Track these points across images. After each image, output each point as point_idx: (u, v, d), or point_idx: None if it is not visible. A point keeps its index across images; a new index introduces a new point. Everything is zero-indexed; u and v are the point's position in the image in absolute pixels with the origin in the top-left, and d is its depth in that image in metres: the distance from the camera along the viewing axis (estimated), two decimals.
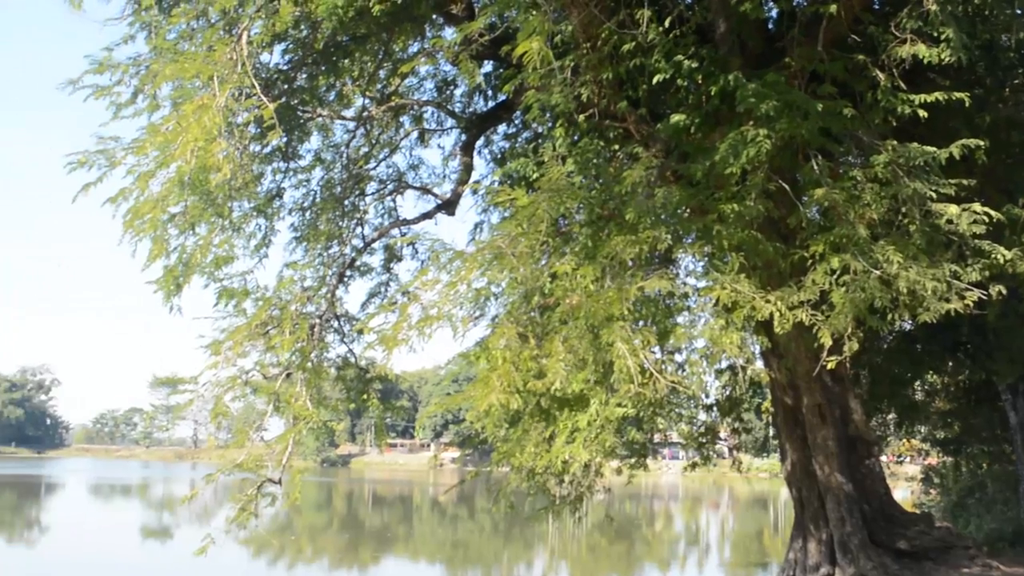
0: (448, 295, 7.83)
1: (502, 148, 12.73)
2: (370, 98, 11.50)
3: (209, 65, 8.36)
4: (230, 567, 32.48)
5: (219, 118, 7.88)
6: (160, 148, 8.26)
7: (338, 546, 45.74)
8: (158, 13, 9.96)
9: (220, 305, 10.08)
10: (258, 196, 10.39)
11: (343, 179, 11.54)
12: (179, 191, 8.40)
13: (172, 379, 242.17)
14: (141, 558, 39.49)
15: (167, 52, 9.37)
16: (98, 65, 9.77)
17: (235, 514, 9.75)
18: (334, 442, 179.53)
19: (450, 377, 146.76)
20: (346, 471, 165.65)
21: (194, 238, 9.42)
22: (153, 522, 57.51)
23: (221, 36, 8.99)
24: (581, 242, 8.13)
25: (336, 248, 11.27)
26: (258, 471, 9.84)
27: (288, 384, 9.92)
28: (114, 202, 8.80)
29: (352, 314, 11.36)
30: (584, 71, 8.89)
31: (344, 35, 9.96)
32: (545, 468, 10.35)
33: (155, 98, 9.45)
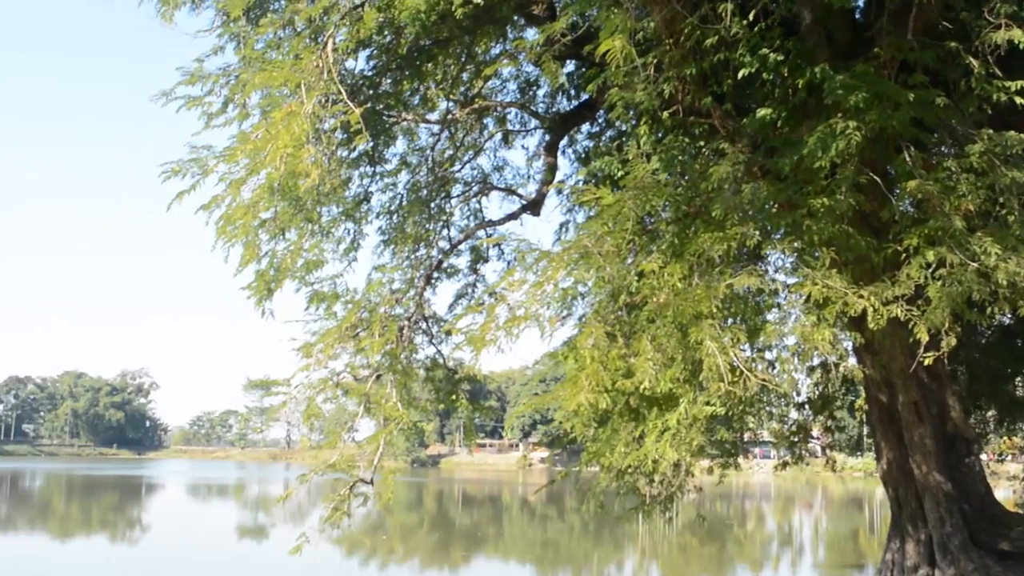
0: (535, 295, 7.84)
1: (586, 147, 12.70)
2: (454, 101, 11.57)
3: (296, 73, 8.50)
4: (324, 566, 32.98)
5: (307, 125, 8.01)
6: (250, 155, 8.43)
7: (429, 546, 46.10)
8: (246, 24, 10.16)
9: (311, 308, 10.25)
10: (346, 200, 10.53)
11: (429, 182, 11.63)
12: (269, 197, 8.57)
13: (265, 381, 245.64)
14: (238, 557, 40.33)
15: (255, 61, 9.56)
16: (189, 76, 10.03)
17: (328, 514, 9.89)
18: (424, 442, 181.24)
19: (538, 377, 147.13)
20: (436, 471, 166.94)
21: (285, 243, 9.61)
22: (249, 521, 58.70)
23: (307, 44, 9.13)
24: (668, 240, 8.07)
25: (423, 250, 11.37)
26: (350, 471, 9.97)
27: (378, 385, 10.03)
28: (207, 209, 9.03)
29: (440, 315, 11.45)
30: (667, 67, 8.81)
31: (427, 39, 10.04)
32: (635, 468, 10.29)
33: (245, 107, 9.65)
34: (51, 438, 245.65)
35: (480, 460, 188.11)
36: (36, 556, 37.92)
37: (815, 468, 75.14)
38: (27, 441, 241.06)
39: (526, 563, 39.72)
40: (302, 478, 10.01)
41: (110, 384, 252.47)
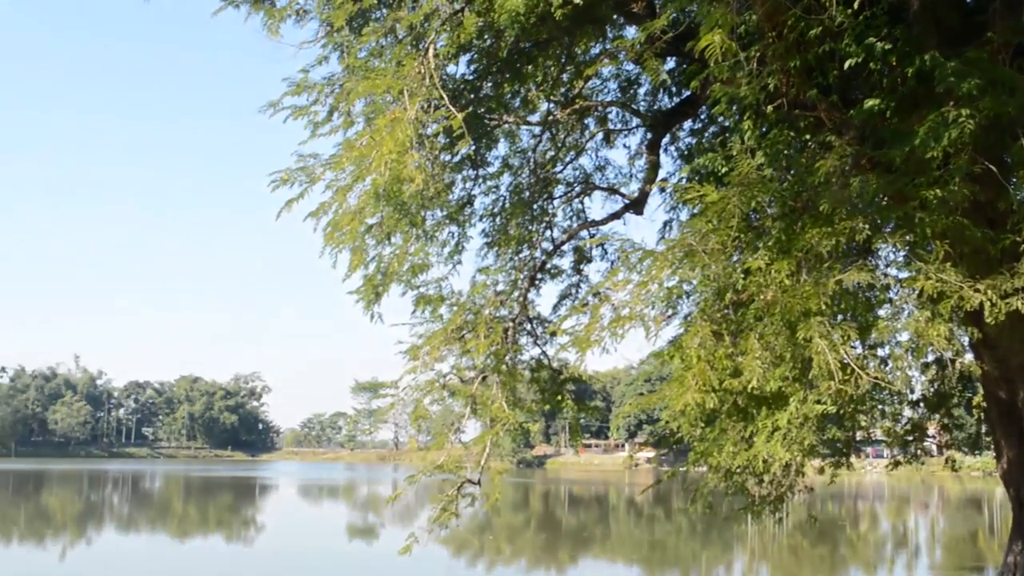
0: (639, 295, 7.80)
1: (688, 144, 12.56)
2: (554, 102, 11.57)
3: (399, 80, 8.62)
4: (433, 566, 33.30)
5: (410, 130, 8.11)
6: (356, 162, 8.58)
7: (535, 546, 46.19)
8: (349, 33, 10.34)
9: (417, 311, 10.37)
10: (450, 204, 10.62)
11: (531, 184, 11.66)
12: (375, 203, 8.70)
13: (373, 384, 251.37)
14: (349, 557, 41.02)
15: (359, 70, 9.73)
16: (295, 87, 10.27)
17: (437, 514, 9.99)
18: (530, 443, 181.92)
19: (643, 377, 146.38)
20: (542, 472, 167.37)
21: (391, 248, 9.76)
22: (359, 522, 59.69)
23: (409, 51, 9.25)
24: (774, 236, 7.94)
25: (526, 252, 11.40)
26: (458, 472, 10.06)
27: (484, 387, 10.10)
28: (315, 216, 9.24)
29: (544, 316, 11.47)
30: (771, 61, 8.67)
31: (527, 42, 10.07)
32: (744, 467, 10.17)
33: (349, 115, 9.83)
34: (169, 441, 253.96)
35: (586, 460, 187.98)
36: (157, 555, 39.24)
37: (931, 467, 73.21)
38: (146, 444, 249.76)
39: (633, 564, 39.53)
40: (410, 479, 10.13)
41: (224, 388, 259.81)
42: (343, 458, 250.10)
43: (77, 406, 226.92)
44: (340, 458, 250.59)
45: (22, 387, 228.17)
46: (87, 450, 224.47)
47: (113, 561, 37.49)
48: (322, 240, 9.25)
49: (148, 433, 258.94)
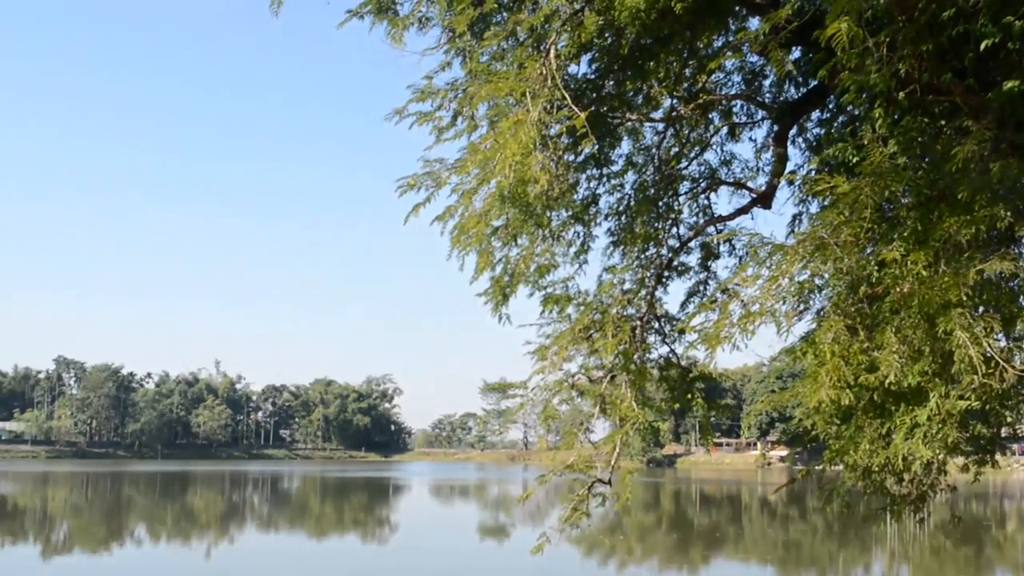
0: (769, 290, 7.66)
1: (817, 135, 12.26)
2: (678, 98, 11.45)
3: (521, 82, 8.67)
4: (565, 564, 33.37)
5: (534, 132, 8.14)
6: (480, 165, 8.66)
7: (667, 546, 45.84)
8: (471, 38, 10.43)
9: (545, 312, 10.41)
10: (575, 204, 10.61)
11: (656, 181, 11.57)
12: (500, 205, 8.77)
13: (502, 385, 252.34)
14: (481, 555, 41.44)
15: (481, 74, 9.81)
16: (420, 93, 10.42)
17: (567, 513, 10.00)
18: (660, 442, 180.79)
19: (774, 374, 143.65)
20: (672, 471, 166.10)
21: (517, 249, 9.81)
22: (490, 521, 60.22)
23: (530, 53, 9.29)
24: (910, 226, 7.69)
25: (653, 250, 11.31)
26: (588, 472, 10.06)
27: (613, 386, 10.07)
28: (441, 220, 9.37)
29: (672, 314, 11.35)
30: (901, 45, 8.39)
31: (648, 38, 9.99)
32: (882, 466, 9.87)
33: (473, 118, 9.92)
34: (305, 442, 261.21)
35: (717, 459, 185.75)
36: (296, 553, 40.36)
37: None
38: (284, 445, 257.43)
39: (767, 565, 38.86)
40: (541, 479, 10.18)
41: (357, 391, 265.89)
42: (473, 458, 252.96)
43: (218, 410, 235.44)
44: (471, 458, 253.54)
45: (167, 392, 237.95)
46: (228, 452, 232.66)
47: (254, 559, 38.73)
48: (449, 243, 9.38)
49: (285, 435, 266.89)
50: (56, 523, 54.89)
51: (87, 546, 43.14)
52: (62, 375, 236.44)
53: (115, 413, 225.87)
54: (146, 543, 44.98)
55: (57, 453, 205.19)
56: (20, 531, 48.57)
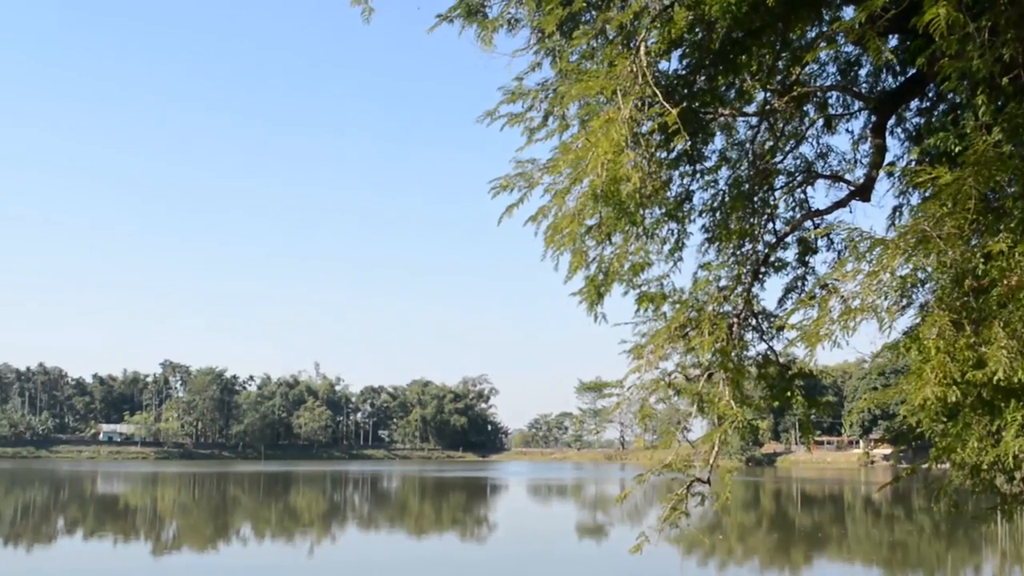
0: (870, 285, 7.49)
1: (916, 125, 11.94)
2: (771, 91, 11.26)
3: (611, 80, 8.64)
4: (663, 564, 33.14)
5: (625, 130, 8.11)
6: (572, 165, 8.66)
7: (768, 546, 45.16)
8: (560, 38, 10.44)
9: (640, 310, 10.34)
10: (668, 201, 10.51)
11: (750, 176, 11.39)
12: (593, 204, 8.74)
13: (597, 384, 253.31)
14: (580, 554, 41.40)
15: (571, 73, 9.80)
16: (510, 95, 10.46)
17: (666, 513, 9.94)
18: (759, 441, 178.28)
19: (876, 370, 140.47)
20: (772, 470, 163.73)
21: (611, 248, 9.75)
22: (588, 520, 60.14)
23: (620, 51, 9.24)
24: (1017, 217, 7.44)
25: (748, 246, 11.14)
26: (686, 471, 9.98)
27: (710, 384, 9.96)
28: (535, 220, 9.39)
29: (770, 311, 11.17)
30: (1003, 29, 8.12)
31: (739, 31, 9.86)
32: (992, 464, 9.57)
33: (564, 118, 9.92)
34: (403, 442, 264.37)
35: (818, 458, 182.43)
36: (396, 551, 40.88)
37: None
38: (383, 446, 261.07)
39: (872, 565, 38.00)
40: (638, 478, 10.12)
41: (453, 391, 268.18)
42: (570, 458, 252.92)
43: (318, 411, 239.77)
44: (567, 458, 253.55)
45: (268, 394, 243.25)
46: (329, 452, 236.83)
47: (355, 557, 39.33)
48: (543, 244, 9.39)
49: (384, 435, 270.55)
50: (165, 522, 56.56)
51: (195, 544, 44.35)
52: (168, 379, 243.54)
53: (219, 415, 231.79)
54: (251, 541, 46.04)
55: (165, 454, 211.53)
56: (132, 529, 50.18)
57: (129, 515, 61.55)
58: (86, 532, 48.78)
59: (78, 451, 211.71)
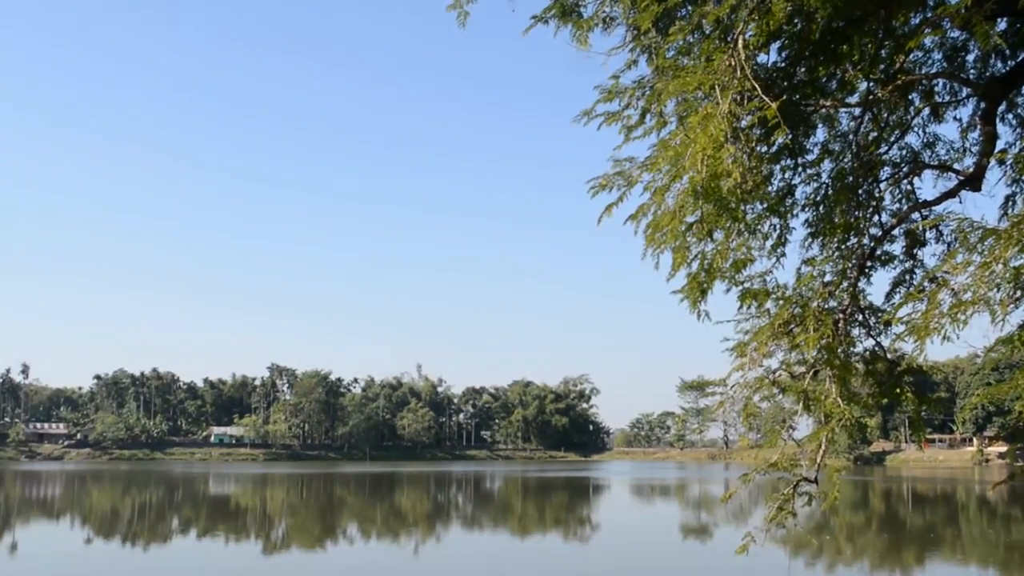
0: (982, 277, 7.28)
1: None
2: (874, 80, 11.00)
3: (709, 75, 8.56)
4: (770, 565, 32.65)
5: (724, 125, 8.03)
6: (671, 162, 8.60)
7: (877, 547, 44.12)
8: (656, 35, 10.38)
9: (743, 307, 10.21)
10: (769, 196, 10.37)
11: (854, 168, 11.15)
12: (693, 201, 8.67)
13: (700, 382, 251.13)
14: (685, 554, 41.06)
15: (668, 70, 9.74)
16: (607, 93, 10.44)
17: (773, 513, 9.81)
18: (867, 439, 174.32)
19: (990, 365, 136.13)
20: (881, 468, 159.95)
21: (712, 244, 9.65)
22: (692, 520, 59.58)
23: (717, 45, 9.16)
24: None
25: (854, 239, 10.91)
26: (792, 470, 9.84)
27: (816, 382, 9.80)
28: (635, 219, 9.35)
29: (877, 306, 10.91)
30: None
31: (840, 20, 9.68)
32: None
33: (661, 115, 9.86)
34: (505, 443, 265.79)
35: (929, 456, 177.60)
36: (499, 551, 41.10)
37: None
38: (485, 446, 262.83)
39: (988, 568, 36.83)
40: (743, 477, 10.01)
41: (554, 391, 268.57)
42: (673, 457, 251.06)
43: (421, 412, 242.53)
44: (670, 457, 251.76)
45: (372, 396, 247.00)
46: (432, 453, 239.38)
47: (459, 556, 39.66)
48: (643, 242, 9.34)
49: (486, 436, 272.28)
50: (275, 521, 57.86)
51: (304, 543, 45.27)
52: (276, 382, 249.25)
53: (325, 417, 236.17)
54: (357, 541, 46.81)
55: (274, 455, 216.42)
56: (243, 529, 51.46)
57: (240, 515, 63.17)
58: (199, 531, 50.22)
59: (191, 453, 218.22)
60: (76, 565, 36.93)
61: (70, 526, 55.01)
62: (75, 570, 35.43)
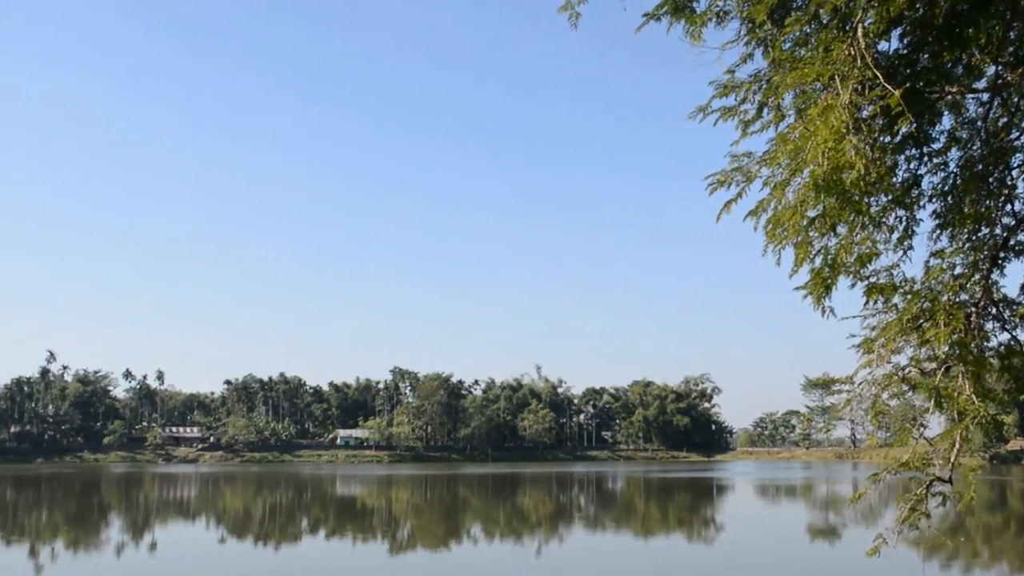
0: None
1: None
2: (1003, 64, 10.60)
3: (828, 65, 8.40)
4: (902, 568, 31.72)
5: (845, 116, 7.86)
6: (791, 156, 8.46)
7: (1017, 549, 42.47)
8: (771, 27, 10.21)
9: (869, 303, 9.96)
10: (894, 187, 10.08)
11: (983, 155, 10.76)
12: (815, 195, 8.50)
13: (825, 380, 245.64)
14: (813, 555, 40.22)
15: (785, 62, 9.56)
16: (723, 88, 10.32)
17: (905, 514, 9.55)
18: (1003, 437, 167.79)
19: None
20: (1019, 468, 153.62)
21: (836, 239, 9.44)
22: (820, 521, 58.29)
23: (835, 35, 8.96)
24: None
25: (985, 230, 10.52)
26: (925, 470, 9.57)
27: (948, 378, 9.49)
28: (754, 215, 9.23)
29: (1012, 298, 10.51)
30: None
31: (964, 3, 9.37)
32: None
33: (779, 108, 9.70)
34: (627, 443, 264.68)
35: None
36: (622, 552, 40.94)
37: None
38: (606, 446, 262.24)
39: None
40: (873, 477, 9.77)
41: (675, 391, 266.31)
42: (798, 457, 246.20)
43: (542, 413, 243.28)
44: (795, 457, 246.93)
45: (493, 398, 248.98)
46: (553, 454, 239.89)
47: (582, 556, 39.65)
48: (764, 238, 9.20)
49: (607, 436, 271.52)
50: (400, 522, 58.84)
51: (429, 543, 45.91)
52: (398, 385, 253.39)
53: (447, 419, 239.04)
54: (481, 540, 47.24)
55: (398, 457, 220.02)
56: (370, 529, 52.49)
57: (367, 515, 64.45)
58: (328, 531, 51.44)
59: (318, 455, 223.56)
60: (210, 564, 38.27)
61: (205, 526, 57.01)
62: (209, 569, 36.72)
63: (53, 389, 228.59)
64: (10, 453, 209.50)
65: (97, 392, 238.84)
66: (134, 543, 45.20)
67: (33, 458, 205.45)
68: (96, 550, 43.04)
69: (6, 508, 72.39)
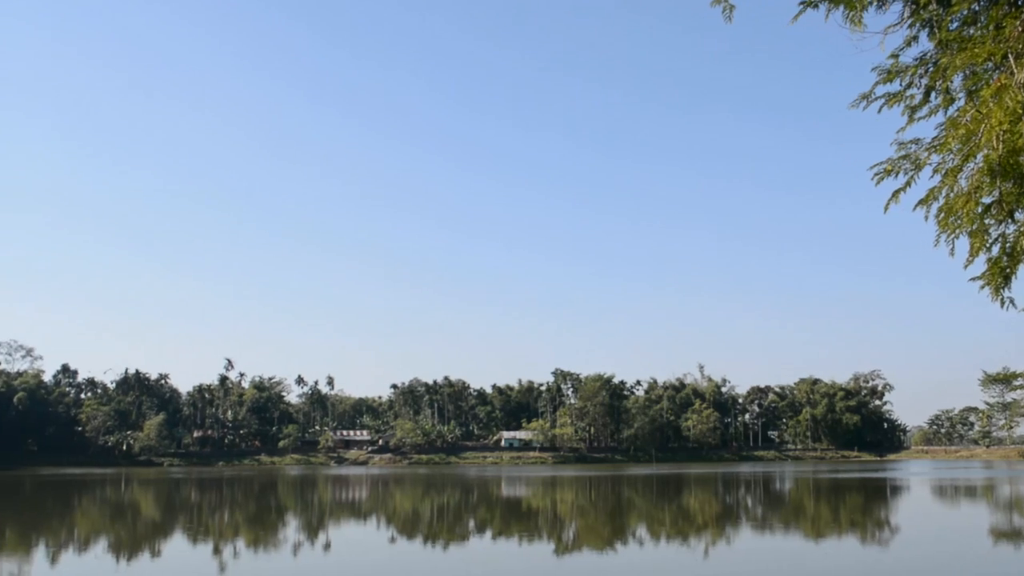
0: None
1: None
2: None
3: (1000, 44, 8.03)
4: None
5: (1020, 96, 7.49)
6: (962, 140, 8.13)
7: None
8: (936, 7, 9.82)
9: None
10: None
11: None
12: (990, 180, 8.14)
13: (1006, 375, 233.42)
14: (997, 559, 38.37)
15: (952, 43, 9.19)
16: (886, 74, 9.98)
17: None
18: None
19: None
20: None
21: (1014, 226, 9.00)
22: (1003, 524, 55.51)
23: (1007, 11, 8.56)
24: None
25: None
26: None
27: None
28: (925, 204, 8.89)
29: None
30: None
31: None
32: None
33: (948, 92, 9.32)
34: (794, 442, 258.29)
35: None
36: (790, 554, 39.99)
37: None
38: (773, 446, 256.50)
39: None
40: None
41: (844, 389, 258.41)
42: (978, 455, 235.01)
43: (706, 413, 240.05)
44: (975, 455, 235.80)
45: (655, 398, 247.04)
46: (718, 454, 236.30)
47: (748, 558, 38.90)
48: (936, 227, 8.86)
49: (773, 436, 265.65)
50: (566, 522, 59.06)
51: (594, 544, 45.93)
52: (560, 386, 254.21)
53: (610, 420, 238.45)
54: (647, 541, 46.96)
55: (562, 458, 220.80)
56: (536, 529, 52.89)
57: (532, 516, 64.95)
58: (495, 531, 52.10)
59: (483, 457, 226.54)
60: (381, 563, 39.32)
61: (376, 526, 58.64)
62: (380, 569, 37.73)
63: (232, 396, 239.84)
64: (194, 456, 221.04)
65: (272, 398, 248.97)
66: (309, 543, 46.91)
67: (214, 461, 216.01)
68: (275, 549, 44.88)
69: (192, 509, 76.31)
